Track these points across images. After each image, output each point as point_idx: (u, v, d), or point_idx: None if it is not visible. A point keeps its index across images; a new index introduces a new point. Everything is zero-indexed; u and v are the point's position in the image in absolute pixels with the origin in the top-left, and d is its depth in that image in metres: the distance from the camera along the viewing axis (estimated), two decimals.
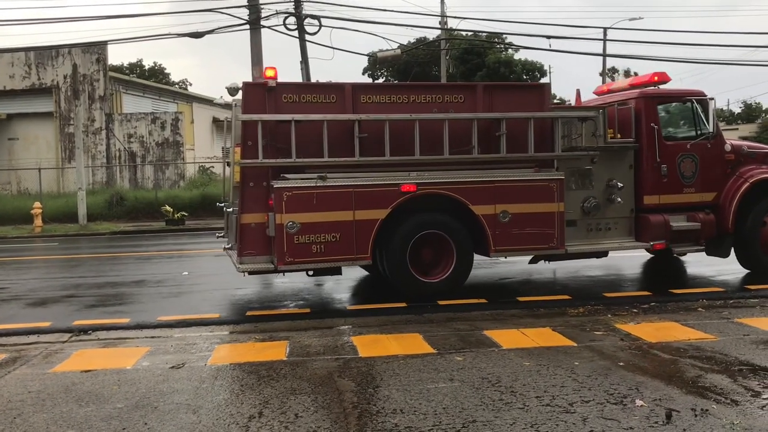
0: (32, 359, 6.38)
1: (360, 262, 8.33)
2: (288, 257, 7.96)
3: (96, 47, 30.45)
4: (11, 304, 9.68)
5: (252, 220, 8.18)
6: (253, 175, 8.19)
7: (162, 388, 5.36)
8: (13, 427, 4.59)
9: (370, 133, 8.23)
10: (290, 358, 6.18)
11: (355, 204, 8.12)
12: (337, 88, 8.51)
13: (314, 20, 22.44)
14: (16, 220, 24.16)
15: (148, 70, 59.37)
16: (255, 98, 8.13)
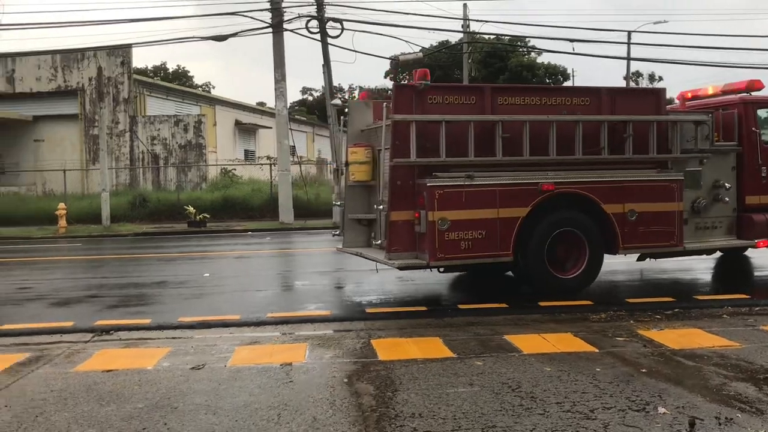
0: (55, 358, 6.45)
1: (502, 258, 8.59)
2: (439, 253, 8.22)
3: (121, 50, 30.84)
4: (35, 304, 9.81)
5: (400, 217, 8.42)
6: (401, 173, 8.43)
7: (182, 388, 5.40)
8: (35, 425, 4.64)
9: (510, 133, 8.58)
10: (309, 360, 6.19)
11: (499, 202, 8.44)
12: (477, 90, 9.01)
13: (336, 24, 22.57)
14: (41, 220, 24.50)
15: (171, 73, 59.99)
16: (404, 99, 8.44)
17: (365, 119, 9.99)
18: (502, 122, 8.58)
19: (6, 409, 4.99)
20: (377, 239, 9.49)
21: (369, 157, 9.59)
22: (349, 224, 10.02)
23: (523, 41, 38.30)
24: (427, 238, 8.24)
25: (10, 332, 7.77)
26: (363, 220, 9.95)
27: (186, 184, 31.12)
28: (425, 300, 9.46)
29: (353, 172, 9.74)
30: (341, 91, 69.62)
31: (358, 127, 10.05)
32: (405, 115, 8.34)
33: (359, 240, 9.98)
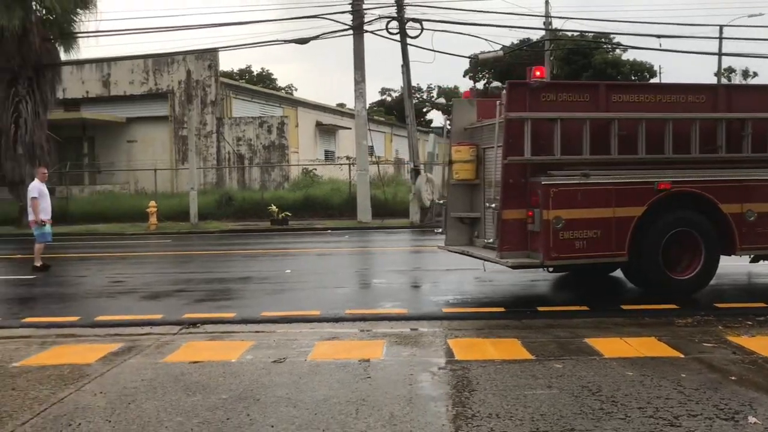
0: (145, 349, 6.75)
1: (617, 258, 8.50)
2: (554, 253, 8.14)
3: (208, 54, 31.84)
4: (127, 297, 10.28)
5: (512, 216, 8.37)
6: (514, 172, 8.39)
7: (264, 381, 5.55)
8: (128, 411, 4.88)
9: (625, 131, 8.49)
10: (387, 357, 6.24)
11: (615, 201, 8.31)
12: (591, 88, 8.93)
13: (416, 24, 22.57)
14: (133, 217, 25.62)
15: (256, 76, 61.52)
16: (518, 97, 8.41)
17: (469, 118, 10.03)
18: (618, 120, 8.49)
19: (101, 395, 5.27)
20: (481, 238, 9.59)
21: (473, 156, 9.63)
22: (451, 223, 10.09)
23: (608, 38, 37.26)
24: (541, 237, 8.16)
25: (105, 323, 8.18)
26: (465, 219, 10.02)
27: (269, 183, 31.86)
28: (503, 301, 9.36)
29: (457, 171, 9.78)
30: (419, 91, 69.62)
31: (462, 126, 10.09)
32: (520, 113, 8.30)
33: (461, 238, 10.06)
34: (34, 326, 8.13)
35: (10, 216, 25.50)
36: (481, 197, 9.75)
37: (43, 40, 23.77)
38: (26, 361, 6.37)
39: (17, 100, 23.86)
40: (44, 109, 24.61)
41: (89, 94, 33.85)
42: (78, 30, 25.11)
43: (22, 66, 23.62)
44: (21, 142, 23.84)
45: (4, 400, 5.20)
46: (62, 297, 10.54)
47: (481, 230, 9.74)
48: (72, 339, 7.39)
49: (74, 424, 4.65)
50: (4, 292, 11.51)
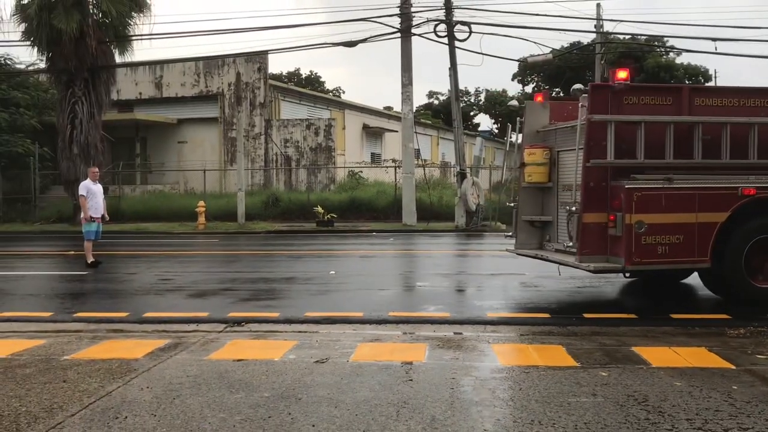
0: (191, 346, 6.87)
1: (699, 264, 8.39)
2: (635, 257, 8.06)
3: (258, 57, 32.27)
4: (175, 294, 10.47)
5: (592, 219, 8.33)
6: (594, 175, 8.35)
7: (306, 380, 5.58)
8: (173, 407, 4.97)
9: (709, 135, 8.40)
10: (429, 360, 6.21)
11: (698, 206, 8.23)
12: (673, 91, 8.87)
13: (464, 27, 22.48)
14: (183, 217, 26.11)
15: (304, 79, 62.16)
16: (600, 100, 8.34)
17: (541, 120, 10.01)
18: (702, 124, 8.39)
19: (147, 390, 5.38)
20: (552, 241, 9.53)
21: (547, 159, 9.61)
22: (522, 226, 10.10)
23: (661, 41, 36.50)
24: (622, 241, 8.09)
25: (152, 320, 8.35)
26: (536, 222, 10.01)
27: (315, 185, 32.12)
28: (548, 307, 9.23)
29: (530, 174, 9.74)
30: (467, 94, 69.28)
31: (534, 128, 10.05)
32: (604, 116, 8.22)
33: (532, 242, 10.08)
34: (85, 321, 8.35)
35: (65, 214, 26.34)
36: (553, 200, 9.74)
37: (98, 43, 24.46)
38: (77, 355, 6.54)
39: (73, 101, 24.61)
40: (99, 110, 25.31)
41: (142, 96, 34.67)
42: (132, 33, 25.80)
43: (78, 68, 24.34)
44: (76, 142, 24.59)
45: (55, 391, 5.35)
46: (112, 293, 10.81)
47: (553, 234, 9.71)
48: (121, 334, 7.56)
49: (121, 417, 4.75)
50: (57, 287, 11.86)
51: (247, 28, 41.42)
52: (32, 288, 11.47)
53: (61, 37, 23.57)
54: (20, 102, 29.71)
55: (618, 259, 8.19)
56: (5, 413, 4.85)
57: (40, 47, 24.81)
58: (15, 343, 7.05)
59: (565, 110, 9.86)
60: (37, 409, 4.93)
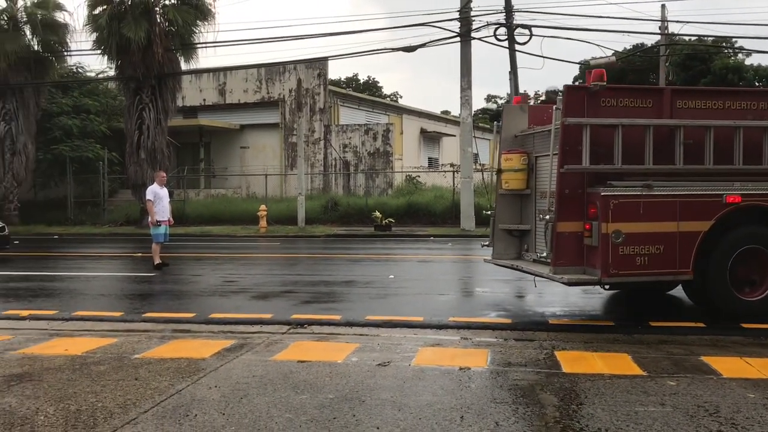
0: (256, 347, 7.01)
1: (681, 276, 8.00)
2: (612, 269, 7.66)
3: (318, 63, 32.71)
4: (239, 296, 10.70)
5: (567, 228, 7.95)
6: (569, 182, 7.95)
7: (369, 383, 5.63)
8: (240, 405, 5.08)
9: (691, 139, 8.02)
10: (491, 366, 6.19)
11: (679, 214, 7.84)
12: (654, 93, 8.44)
13: (525, 30, 22.28)
14: (245, 220, 26.65)
15: (362, 84, 62.59)
16: (575, 101, 7.92)
17: (519, 124, 9.58)
18: (683, 127, 7.95)
19: (215, 389, 5.52)
20: (531, 251, 9.15)
21: (525, 164, 9.21)
22: (499, 235, 9.68)
23: (729, 42, 35.33)
24: (599, 251, 7.68)
25: (218, 320, 8.56)
26: (514, 231, 9.60)
27: (373, 189, 32.31)
28: (612, 314, 9.07)
29: (507, 180, 9.38)
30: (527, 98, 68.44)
31: (512, 132, 9.63)
32: (579, 119, 7.80)
33: (509, 252, 9.65)
34: (153, 321, 8.61)
35: (133, 216, 27.21)
36: (531, 208, 9.31)
37: (165, 51, 25.22)
38: (147, 354, 6.76)
39: (141, 107, 25.44)
40: (165, 116, 26.09)
41: (206, 102, 35.57)
42: (197, 41, 26.50)
43: (146, 75, 25.15)
44: (144, 147, 25.40)
45: (128, 388, 5.54)
46: (179, 294, 11.11)
47: (531, 243, 9.29)
48: (188, 334, 7.77)
49: (191, 415, 4.89)
50: (126, 287, 12.27)
51: (307, 35, 42.11)
52: (103, 288, 11.90)
53: (129, 46, 24.40)
54: (90, 108, 30.87)
55: (594, 271, 7.78)
56: (83, 408, 5.06)
57: (110, 56, 25.73)
58: (89, 341, 7.33)
59: (545, 114, 9.35)
60: (112, 405, 5.11)
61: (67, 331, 7.99)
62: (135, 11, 24.87)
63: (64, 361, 6.45)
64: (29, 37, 27.56)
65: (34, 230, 25.75)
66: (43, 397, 5.32)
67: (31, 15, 27.28)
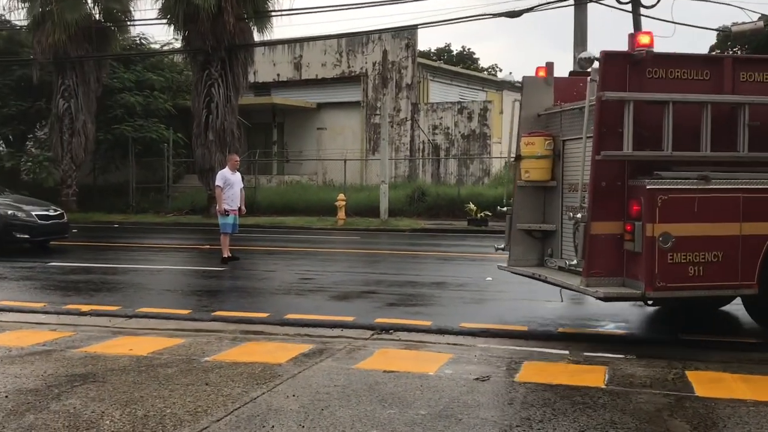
0: (337, 353, 7.13)
1: (744, 290, 7.40)
2: (660, 281, 7.03)
3: (406, 32, 32.75)
4: (317, 296, 10.90)
5: (603, 230, 7.31)
6: (607, 172, 7.31)
7: (466, 399, 5.63)
8: (321, 418, 5.19)
9: (757, 121, 7.44)
10: (610, 386, 6.07)
11: (743, 214, 7.24)
12: (712, 62, 7.82)
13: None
14: (321, 211, 27.07)
15: (456, 56, 62.31)
16: (616, 72, 7.29)
17: (544, 101, 8.96)
18: (749, 105, 7.31)
19: (294, 398, 5.65)
20: (556, 256, 8.60)
21: (549, 150, 8.58)
22: (517, 236, 9.06)
23: None
24: (642, 259, 7.06)
25: (294, 322, 8.76)
26: (535, 232, 9.02)
27: (467, 177, 32.14)
28: (755, 329, 8.71)
29: (527, 170, 8.74)
30: None
31: (535, 111, 9.00)
32: (621, 93, 7.14)
33: (530, 257, 9.03)
34: (223, 320, 8.90)
35: (199, 204, 28.07)
36: (558, 204, 8.70)
37: (236, 20, 25.81)
38: (218, 356, 6.99)
39: (209, 83, 26.15)
40: (236, 93, 26.74)
41: (280, 78, 36.28)
42: (272, 8, 27.04)
43: (215, 47, 25.81)
44: (212, 128, 26.10)
45: (198, 394, 5.75)
46: (251, 291, 11.43)
47: (557, 247, 8.68)
48: (262, 336, 7.99)
49: (267, 426, 5.03)
50: (193, 282, 12.71)
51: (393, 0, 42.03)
52: (168, 283, 12.37)
53: (198, 14, 25.08)
54: (155, 84, 31.93)
55: (637, 283, 7.15)
56: (150, 414, 5.28)
57: (177, 25, 26.55)
58: (155, 341, 7.65)
59: (575, 88, 8.77)
60: (181, 412, 5.32)
61: (131, 329, 8.37)
62: None
63: (128, 362, 6.75)
64: (90, 6, 28.80)
65: (92, 218, 26.98)
66: (108, 400, 5.59)
67: None
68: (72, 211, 25.33)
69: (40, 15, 27.17)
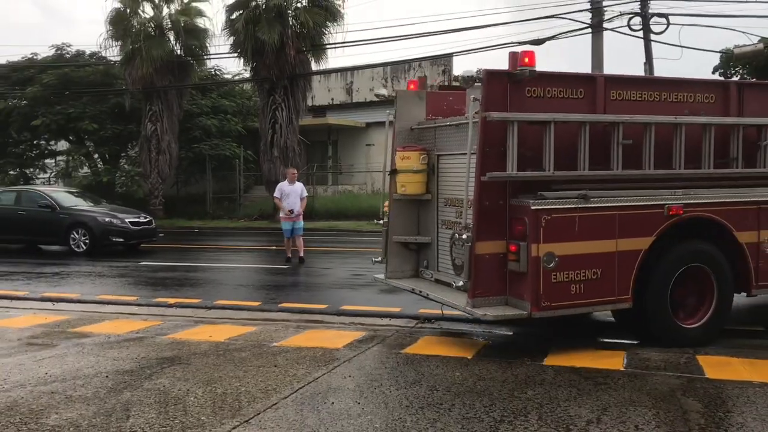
0: (386, 339, 7.14)
1: (620, 305, 6.58)
2: (545, 300, 6.20)
3: (442, 60, 32.69)
4: (368, 290, 10.91)
5: (487, 250, 6.42)
6: (490, 191, 6.39)
7: (500, 377, 5.59)
8: (374, 396, 5.21)
9: (630, 138, 6.64)
10: (628, 369, 5.97)
11: (618, 230, 6.49)
12: (585, 81, 6.95)
13: (661, 19, 21.21)
14: (369, 215, 27.06)
15: None
16: (497, 91, 6.39)
17: (417, 114, 7.98)
18: (622, 124, 6.58)
19: (350, 379, 5.68)
20: (432, 268, 7.75)
21: (425, 164, 7.65)
22: (394, 249, 8.01)
23: None
24: (528, 279, 6.20)
25: (349, 312, 8.81)
26: (411, 244, 8.04)
27: None
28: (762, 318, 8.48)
29: (403, 184, 7.74)
30: None
31: (409, 125, 7.99)
32: (504, 113, 6.29)
33: (405, 268, 8.04)
34: (288, 311, 8.98)
35: (266, 211, 28.38)
36: (432, 217, 7.77)
37: (297, 53, 26.09)
38: (284, 342, 7.06)
39: (274, 107, 26.49)
40: (296, 115, 27.05)
41: (334, 101, 36.54)
42: (327, 42, 27.24)
43: (279, 76, 26.14)
44: (276, 145, 26.46)
45: (268, 375, 5.81)
46: (311, 286, 11.51)
47: (432, 259, 7.77)
48: (321, 325, 8.04)
49: (328, 402, 5.07)
50: (262, 279, 12.86)
51: (431, 32, 41.95)
52: (241, 279, 12.52)
53: (264, 48, 25.44)
54: (227, 109, 32.57)
55: (522, 303, 6.28)
56: (228, 391, 5.36)
57: (246, 58, 26.96)
58: (230, 329, 7.75)
59: (445, 102, 7.96)
60: (254, 390, 5.39)
61: (210, 319, 8.50)
62: (269, 15, 25.90)
63: (209, 347, 6.86)
64: (173, 43, 29.34)
65: (176, 224, 27.46)
66: (191, 380, 5.69)
67: (175, 22, 29.05)
68: (159, 218, 25.80)
69: (130, 52, 27.77)
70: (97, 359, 6.40)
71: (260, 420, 4.74)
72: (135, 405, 5.06)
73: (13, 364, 6.26)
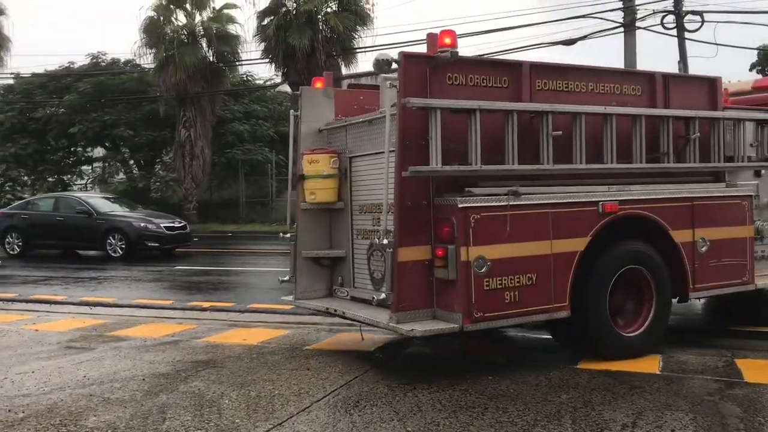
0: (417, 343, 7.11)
1: (557, 314, 5.94)
2: (477, 311, 5.52)
3: None
4: None
5: (410, 256, 5.67)
6: (413, 189, 5.70)
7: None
8: (407, 399, 5.21)
9: (561, 131, 6.05)
10: (664, 372, 5.88)
11: (552, 230, 5.92)
12: (510, 68, 6.25)
13: (696, 16, 20.92)
14: None
15: None
16: (416, 76, 5.68)
17: (324, 115, 7.25)
18: (551, 114, 5.96)
19: (383, 382, 5.68)
20: (347, 285, 6.95)
21: (335, 168, 6.87)
22: (304, 266, 7.11)
23: None
24: (458, 287, 5.52)
25: None
26: (323, 259, 7.19)
27: None
28: None
29: (312, 191, 6.90)
30: None
31: (316, 126, 7.24)
32: (425, 100, 5.58)
33: (318, 287, 7.18)
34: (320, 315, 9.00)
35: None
36: (346, 227, 6.99)
37: (327, 57, 26.28)
38: (317, 345, 7.10)
39: None
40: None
41: None
42: (357, 46, 27.41)
43: (309, 81, 26.31)
44: None
45: (301, 378, 5.86)
46: None
47: (348, 274, 6.95)
48: (353, 329, 7.99)
49: (360, 405, 5.09)
50: None
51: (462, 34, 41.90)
52: (273, 283, 12.52)
53: (294, 54, 25.70)
54: (259, 114, 32.91)
55: (453, 315, 5.57)
56: (262, 394, 5.42)
57: (277, 64, 27.28)
58: (263, 332, 7.83)
59: (355, 100, 7.32)
60: (287, 393, 5.43)
61: (244, 322, 8.59)
62: (299, 20, 26.14)
63: (242, 350, 6.93)
64: (205, 50, 29.76)
65: (210, 228, 27.79)
66: (226, 383, 5.76)
67: (207, 29, 29.45)
68: (193, 223, 26.14)
69: (164, 59, 28.22)
70: (134, 362, 6.51)
71: (293, 423, 4.77)
72: (171, 408, 5.14)
73: (53, 367, 6.40)
